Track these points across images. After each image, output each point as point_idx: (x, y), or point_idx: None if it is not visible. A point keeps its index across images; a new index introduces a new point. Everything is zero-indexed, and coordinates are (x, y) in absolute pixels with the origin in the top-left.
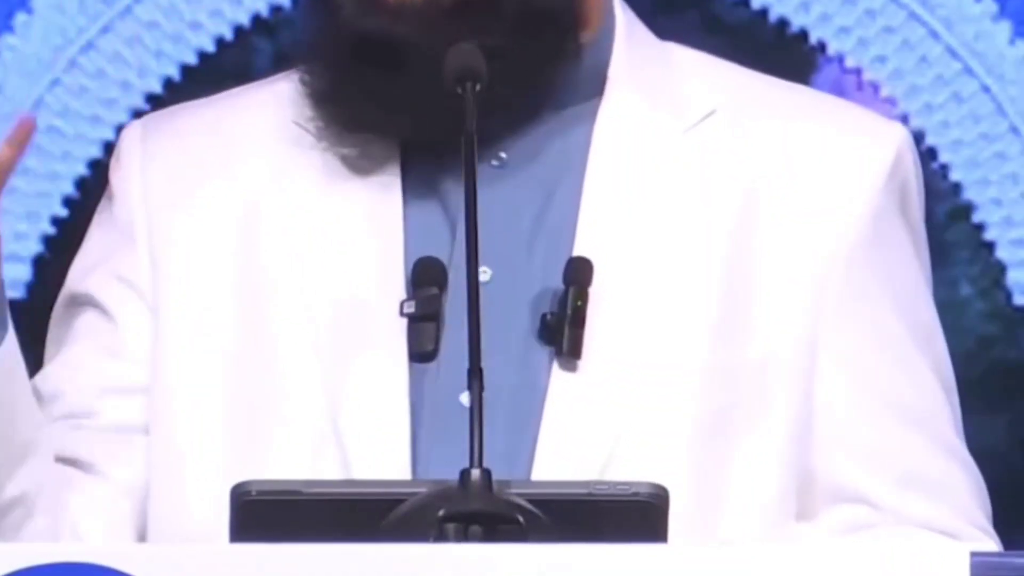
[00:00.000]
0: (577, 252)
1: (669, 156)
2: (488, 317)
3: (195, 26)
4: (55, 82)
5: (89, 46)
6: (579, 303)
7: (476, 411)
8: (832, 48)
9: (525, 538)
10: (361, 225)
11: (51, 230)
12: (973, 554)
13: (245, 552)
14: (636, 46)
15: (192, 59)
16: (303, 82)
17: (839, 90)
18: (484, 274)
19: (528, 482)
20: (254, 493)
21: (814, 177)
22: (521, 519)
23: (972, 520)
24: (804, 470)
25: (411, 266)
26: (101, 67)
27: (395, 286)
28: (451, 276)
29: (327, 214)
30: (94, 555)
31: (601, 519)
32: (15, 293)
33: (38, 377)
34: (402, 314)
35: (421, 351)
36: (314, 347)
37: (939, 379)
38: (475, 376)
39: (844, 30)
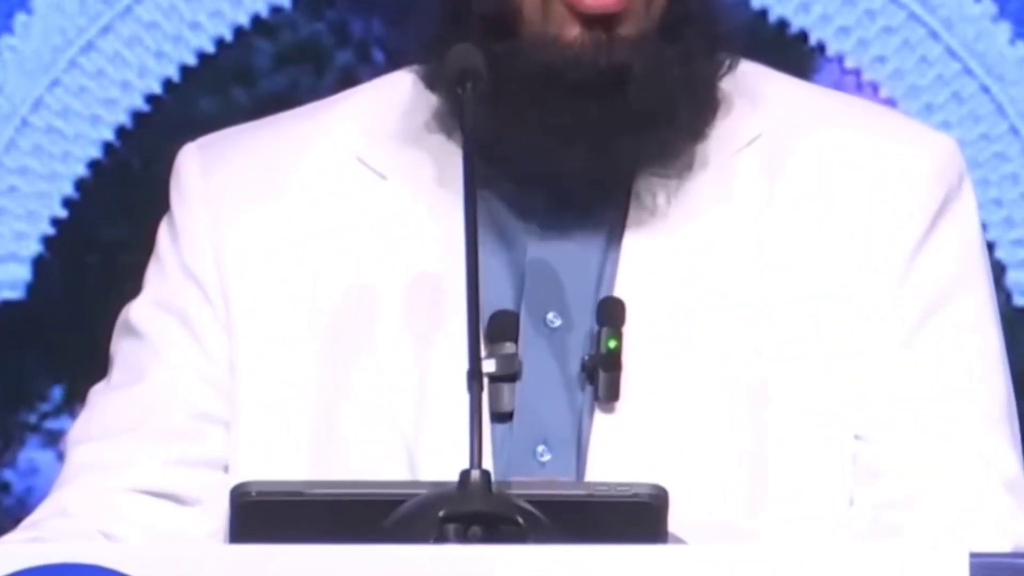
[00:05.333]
0: (618, 292)
1: (712, 182)
2: (554, 363)
3: (195, 26)
4: (55, 82)
5: (89, 46)
6: (611, 344)
7: (475, 411)
8: (832, 48)
9: (525, 539)
10: (432, 273)
11: (51, 230)
12: (973, 554)
13: (245, 552)
14: None
15: (192, 59)
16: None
17: (838, 90)
18: (555, 320)
19: (528, 482)
20: (254, 494)
21: (864, 193)
22: (521, 520)
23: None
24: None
25: (486, 319)
26: (101, 67)
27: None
28: (521, 324)
29: (396, 263)
30: (94, 555)
31: (601, 519)
32: (15, 293)
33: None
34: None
35: (501, 412)
36: (391, 409)
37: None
38: (474, 377)
39: (844, 30)
